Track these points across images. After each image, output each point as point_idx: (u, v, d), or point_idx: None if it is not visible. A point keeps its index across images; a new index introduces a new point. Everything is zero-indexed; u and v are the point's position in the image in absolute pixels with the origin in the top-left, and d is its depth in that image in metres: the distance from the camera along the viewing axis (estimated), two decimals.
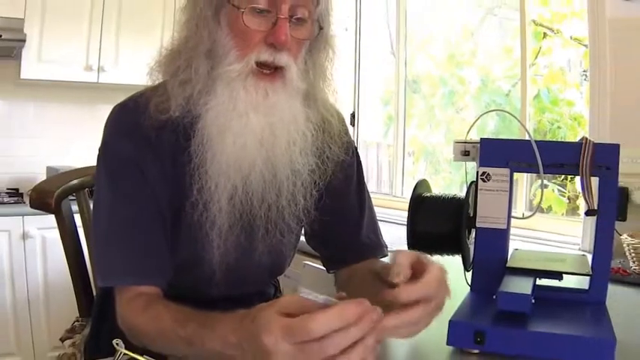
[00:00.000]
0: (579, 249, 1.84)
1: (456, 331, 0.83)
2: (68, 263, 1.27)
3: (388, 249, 1.10)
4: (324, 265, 1.13)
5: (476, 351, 0.83)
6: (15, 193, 2.85)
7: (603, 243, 0.93)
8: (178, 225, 0.93)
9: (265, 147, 0.89)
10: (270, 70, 0.88)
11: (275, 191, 0.91)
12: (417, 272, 0.72)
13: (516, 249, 1.13)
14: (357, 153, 1.11)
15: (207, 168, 0.87)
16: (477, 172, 0.99)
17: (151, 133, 0.88)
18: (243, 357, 0.66)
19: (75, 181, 1.29)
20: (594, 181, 0.92)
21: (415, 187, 1.06)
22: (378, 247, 1.09)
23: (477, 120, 1.19)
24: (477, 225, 0.99)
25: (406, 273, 0.71)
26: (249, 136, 0.88)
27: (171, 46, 0.93)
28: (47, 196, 1.25)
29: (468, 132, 1.09)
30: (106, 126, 0.94)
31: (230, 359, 0.69)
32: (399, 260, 0.72)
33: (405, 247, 1.01)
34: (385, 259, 1.05)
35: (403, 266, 0.71)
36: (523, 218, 1.15)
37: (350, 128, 3.06)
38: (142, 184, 0.89)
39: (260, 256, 0.98)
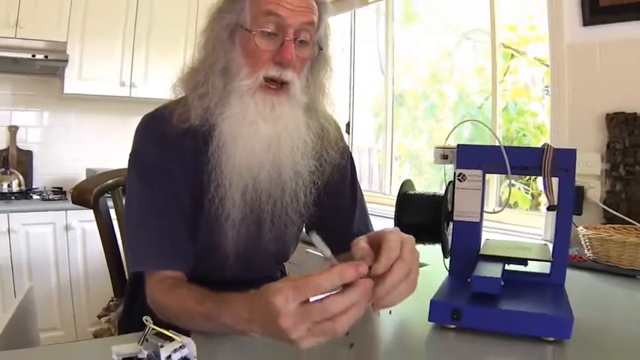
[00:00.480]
0: (542, 239, 1.83)
1: (436, 309, 0.83)
2: (104, 251, 1.27)
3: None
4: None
5: (453, 326, 0.83)
6: (59, 191, 2.85)
7: (562, 234, 0.93)
8: (198, 217, 0.93)
9: (272, 151, 0.89)
10: (276, 86, 0.88)
11: (280, 189, 0.91)
12: (377, 245, 0.68)
13: (488, 239, 1.13)
14: (352, 157, 1.11)
15: (223, 169, 0.87)
16: (454, 173, 0.99)
17: (174, 139, 0.88)
18: (252, 330, 0.66)
19: (110, 181, 1.29)
20: (554, 181, 0.92)
21: (401, 186, 1.06)
22: None
23: (454, 129, 1.18)
24: (454, 218, 0.99)
25: (366, 252, 0.67)
26: (257, 141, 0.88)
27: (191, 64, 0.93)
28: (86, 194, 1.25)
29: (446, 139, 1.09)
30: (136, 133, 0.94)
31: (242, 333, 0.69)
32: (356, 250, 0.69)
33: None
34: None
35: (362, 249, 0.68)
36: (494, 213, 1.15)
37: (345, 135, 3.06)
38: (167, 183, 0.89)
39: (267, 245, 0.98)
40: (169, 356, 0.65)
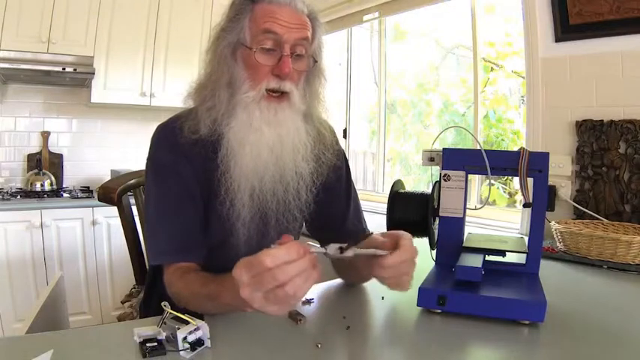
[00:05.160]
0: (518, 232, 1.83)
1: (424, 295, 0.84)
2: (127, 243, 1.27)
3: (371, 232, 1.09)
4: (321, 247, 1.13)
5: (439, 311, 0.83)
6: (86, 190, 2.85)
7: (537, 228, 0.93)
8: (211, 217, 0.92)
9: (275, 154, 0.88)
10: (278, 94, 0.87)
11: (283, 189, 0.91)
12: (393, 241, 0.78)
13: (470, 233, 1.13)
14: (346, 158, 1.10)
15: (232, 173, 0.87)
16: (440, 174, 0.99)
17: (185, 147, 0.88)
18: (242, 305, 0.66)
19: (132, 181, 1.29)
20: (530, 181, 0.92)
21: (392, 185, 1.06)
22: (361, 231, 1.08)
23: (440, 134, 1.19)
24: (440, 214, 0.99)
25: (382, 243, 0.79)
26: (263, 146, 0.87)
27: (198, 79, 0.92)
28: (111, 192, 1.25)
29: (432, 143, 1.09)
30: (151, 141, 0.93)
31: (241, 309, 0.69)
32: (374, 241, 0.80)
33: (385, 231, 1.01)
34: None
35: (381, 242, 0.79)
36: (475, 209, 1.15)
37: (342, 140, 3.06)
38: (179, 184, 0.89)
39: (272, 239, 0.97)
40: (185, 337, 0.65)
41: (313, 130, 0.94)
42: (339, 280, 1.04)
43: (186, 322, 0.67)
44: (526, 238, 0.98)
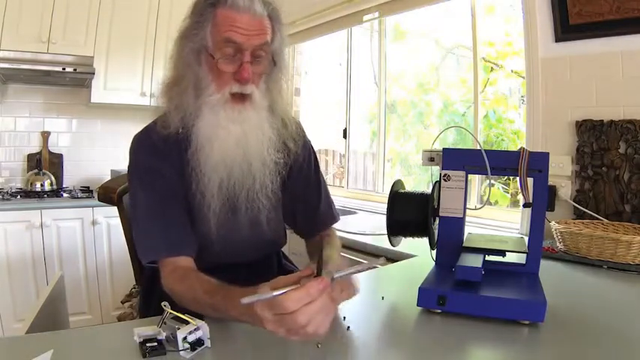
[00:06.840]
0: (518, 232, 1.83)
1: (424, 295, 0.84)
2: (127, 243, 1.27)
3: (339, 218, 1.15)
4: (301, 236, 1.16)
5: (439, 311, 0.83)
6: (86, 190, 2.85)
7: (537, 228, 0.93)
8: (190, 211, 0.95)
9: (241, 147, 0.92)
10: (240, 96, 0.90)
11: (251, 179, 0.94)
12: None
13: (470, 233, 1.13)
14: (313, 148, 1.14)
15: (202, 167, 0.91)
16: (440, 174, 0.99)
17: (161, 147, 0.92)
18: (253, 322, 0.67)
19: None
20: (530, 181, 0.92)
21: (392, 185, 1.06)
22: (332, 216, 1.13)
23: (440, 134, 1.19)
24: (440, 214, 0.99)
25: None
26: (230, 141, 0.91)
27: (166, 79, 0.95)
28: (111, 192, 1.25)
29: (432, 143, 1.09)
30: (130, 150, 0.97)
31: (245, 322, 0.69)
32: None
33: (386, 232, 1.01)
34: None
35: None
36: (475, 209, 1.15)
37: (342, 140, 3.06)
38: (163, 182, 0.92)
39: (244, 228, 1.00)
40: (185, 337, 0.65)
41: (277, 121, 0.98)
42: None
43: (186, 322, 0.67)
44: (526, 238, 0.98)
